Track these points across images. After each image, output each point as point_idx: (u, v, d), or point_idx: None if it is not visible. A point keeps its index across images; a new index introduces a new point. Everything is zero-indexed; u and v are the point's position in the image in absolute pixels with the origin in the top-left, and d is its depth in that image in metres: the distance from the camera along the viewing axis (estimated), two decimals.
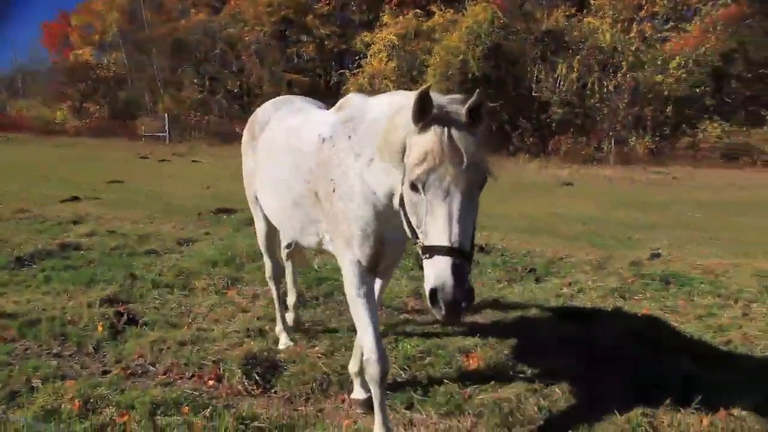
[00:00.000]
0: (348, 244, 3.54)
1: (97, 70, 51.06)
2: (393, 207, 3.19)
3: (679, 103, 34.07)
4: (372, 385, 3.57)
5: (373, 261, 3.56)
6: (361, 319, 3.56)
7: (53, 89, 52.19)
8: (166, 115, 43.87)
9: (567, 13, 36.09)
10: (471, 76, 33.96)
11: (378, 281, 4.01)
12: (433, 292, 2.68)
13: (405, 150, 2.93)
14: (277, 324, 5.30)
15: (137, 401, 3.92)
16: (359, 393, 4.15)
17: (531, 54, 35.76)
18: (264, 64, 45.11)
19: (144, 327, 5.43)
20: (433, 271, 2.69)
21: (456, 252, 2.67)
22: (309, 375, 4.44)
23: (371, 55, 39.64)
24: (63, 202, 12.80)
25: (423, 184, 2.76)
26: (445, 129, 2.78)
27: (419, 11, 40.00)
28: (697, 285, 7.17)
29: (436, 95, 2.93)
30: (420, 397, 4.21)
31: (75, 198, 13.32)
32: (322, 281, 6.86)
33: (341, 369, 4.54)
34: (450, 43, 35.40)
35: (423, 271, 2.80)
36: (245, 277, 7.08)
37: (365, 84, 36.63)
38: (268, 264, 5.32)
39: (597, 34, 34.64)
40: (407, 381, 4.49)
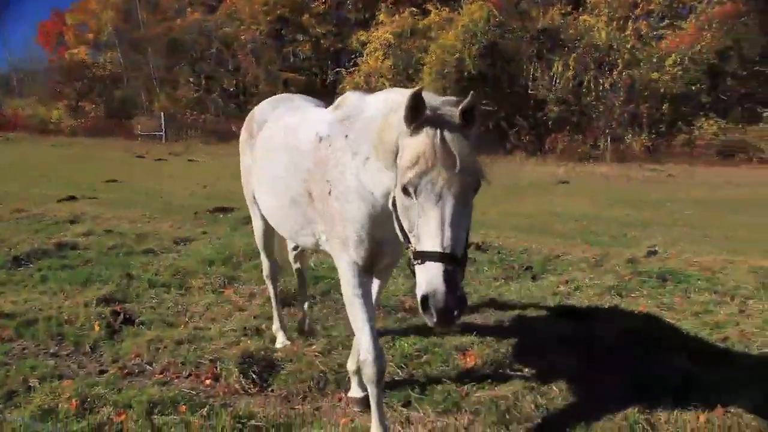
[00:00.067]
0: (344, 244, 3.50)
1: (93, 69, 50.98)
2: (390, 207, 3.12)
3: (675, 101, 34.14)
4: (369, 385, 3.55)
5: (370, 262, 3.52)
6: (358, 320, 3.53)
7: (49, 88, 52.08)
8: (162, 114, 43.85)
9: (562, 11, 36.14)
10: (467, 74, 34.03)
11: (376, 281, 3.98)
12: (425, 299, 2.62)
13: (398, 151, 2.87)
14: (274, 322, 5.29)
15: (134, 400, 3.92)
16: (356, 391, 4.15)
17: (527, 52, 35.82)
18: (260, 63, 45.08)
19: (141, 326, 5.42)
20: (425, 278, 2.63)
21: (448, 258, 2.61)
22: (306, 374, 4.43)
23: (367, 54, 39.69)
24: (60, 201, 12.78)
25: (415, 187, 2.69)
26: (438, 131, 2.72)
27: (415, 9, 40.02)
28: (694, 282, 7.17)
29: (429, 96, 2.88)
30: (417, 395, 4.21)
31: (72, 197, 13.31)
32: (318, 280, 6.85)
33: (338, 367, 4.55)
34: (446, 42, 35.45)
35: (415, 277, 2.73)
36: (242, 276, 7.08)
37: (361, 83, 36.64)
38: (265, 263, 5.29)
39: (593, 32, 34.72)
40: (404, 379, 4.49)
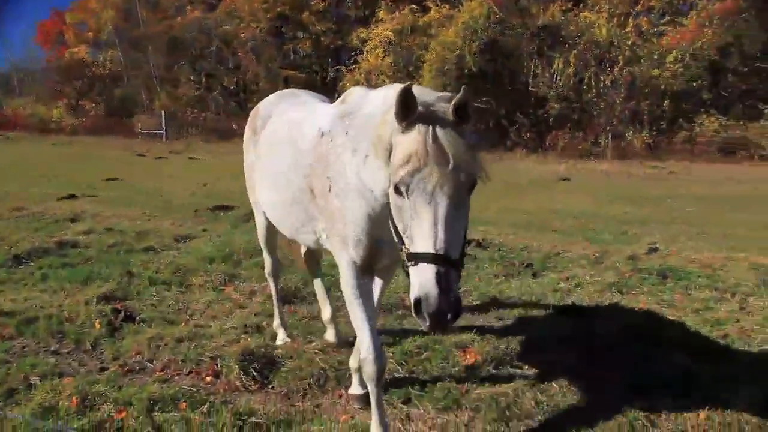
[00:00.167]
0: (344, 243, 3.47)
1: (93, 67, 51.02)
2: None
3: (676, 98, 34.11)
4: (369, 383, 3.54)
5: (369, 261, 3.49)
6: (358, 319, 3.51)
7: (49, 87, 52.12)
8: (162, 113, 43.91)
9: (563, 8, 36.08)
10: (467, 71, 34.01)
11: (378, 281, 3.95)
12: (417, 302, 2.52)
13: (392, 149, 2.78)
14: (275, 319, 5.28)
15: (135, 398, 3.92)
16: (357, 388, 4.13)
17: (527, 49, 35.80)
18: (260, 60, 45.09)
19: (141, 324, 5.43)
20: (417, 280, 2.54)
21: (441, 259, 2.51)
22: (306, 371, 4.43)
23: (367, 51, 39.68)
24: (60, 199, 12.80)
25: (407, 186, 2.60)
26: (430, 128, 2.62)
27: (415, 7, 40.00)
28: (695, 279, 7.18)
29: (423, 92, 2.82)
30: (417, 392, 4.20)
31: (72, 196, 13.33)
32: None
33: (338, 365, 4.55)
34: (446, 39, 35.43)
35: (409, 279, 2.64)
36: (242, 274, 7.08)
37: (361, 80, 36.63)
38: (267, 260, 5.27)
39: (593, 28, 34.69)
40: (404, 376, 4.49)
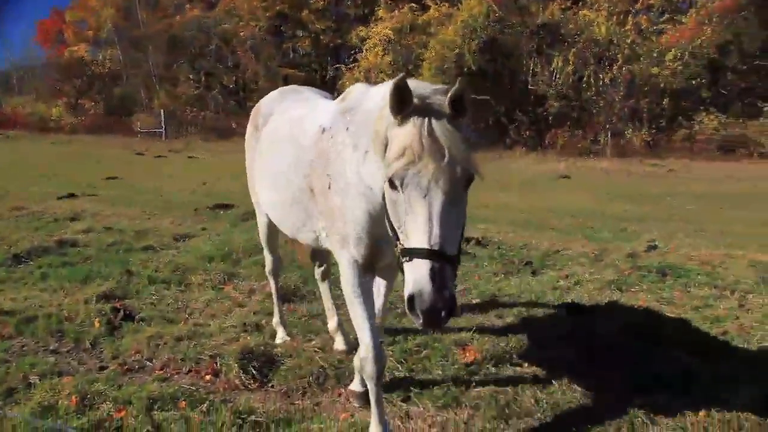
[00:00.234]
0: (345, 241, 3.44)
1: (92, 66, 50.96)
2: None
3: (675, 96, 34.06)
4: (368, 382, 3.53)
5: (370, 260, 3.47)
6: (358, 317, 3.50)
7: (48, 86, 52.11)
8: (162, 111, 43.87)
9: (562, 6, 36.00)
10: (467, 69, 33.95)
11: (382, 282, 3.91)
12: (411, 298, 2.48)
13: (388, 144, 2.73)
14: (274, 317, 5.29)
15: (134, 396, 3.92)
16: (357, 386, 4.10)
17: (527, 47, 35.73)
18: (259, 59, 45.05)
19: (141, 323, 5.43)
20: (411, 276, 2.50)
21: (436, 255, 2.46)
22: (306, 369, 4.44)
23: (367, 50, 39.65)
24: (60, 199, 12.80)
25: (401, 180, 2.56)
26: (426, 121, 2.59)
27: (414, 5, 39.93)
28: (694, 276, 7.18)
29: (419, 85, 2.78)
30: (417, 390, 4.21)
31: (72, 195, 13.33)
32: None
33: (338, 363, 4.56)
34: (445, 37, 35.39)
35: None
36: (242, 273, 7.09)
37: (361, 78, 36.52)
38: (268, 258, 5.27)
39: (592, 26, 34.61)
40: (404, 374, 4.49)
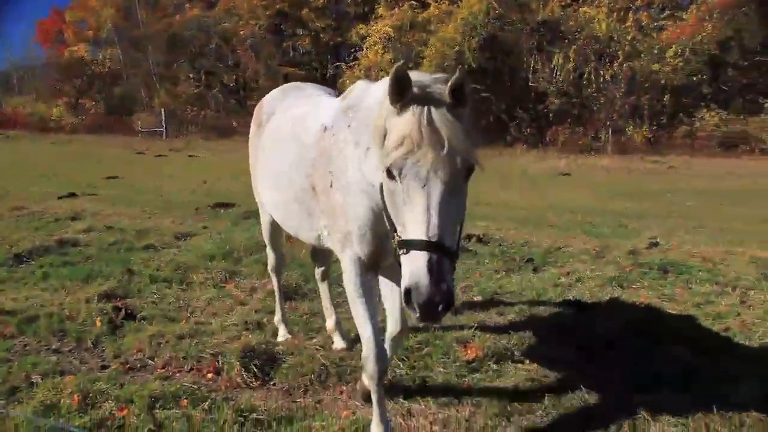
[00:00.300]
0: (347, 239, 3.41)
1: (92, 66, 50.99)
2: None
3: (676, 92, 34.09)
4: (370, 382, 3.51)
5: (373, 258, 3.42)
6: (360, 317, 3.46)
7: (49, 85, 52.12)
8: (162, 111, 43.90)
9: (562, 3, 36.06)
10: (467, 67, 33.91)
11: (390, 284, 3.74)
12: (408, 291, 2.41)
13: (387, 134, 2.66)
14: (276, 314, 5.28)
15: (136, 395, 3.92)
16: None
17: (527, 44, 35.78)
18: (260, 58, 45.09)
19: (142, 321, 5.42)
20: (408, 269, 2.43)
21: (434, 246, 2.39)
22: (307, 367, 4.43)
23: (367, 48, 39.71)
24: (60, 198, 12.80)
25: (399, 170, 2.50)
26: (425, 110, 2.52)
27: (414, 3, 39.99)
28: (695, 273, 7.17)
29: (419, 74, 2.73)
30: (418, 388, 4.20)
31: (72, 194, 13.33)
32: None
33: (339, 361, 4.55)
34: (445, 35, 35.44)
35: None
36: (243, 271, 7.08)
37: (361, 76, 36.40)
38: (271, 256, 5.26)
39: (593, 23, 34.66)
40: (405, 371, 4.49)
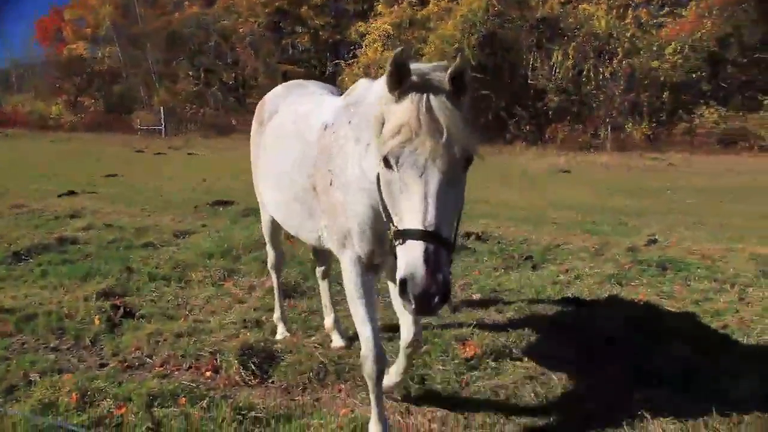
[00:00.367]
0: (347, 238, 3.40)
1: (92, 64, 50.93)
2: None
3: (676, 89, 34.10)
4: (368, 381, 3.49)
5: (373, 258, 3.40)
6: (360, 316, 3.45)
7: (48, 84, 52.06)
8: (161, 109, 43.84)
9: (562, 0, 36.02)
10: None
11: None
12: (403, 282, 2.37)
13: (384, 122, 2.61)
14: (275, 312, 5.27)
15: (134, 393, 3.91)
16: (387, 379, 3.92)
17: (526, 42, 35.76)
18: (259, 55, 45.07)
19: (141, 320, 5.42)
20: (404, 259, 2.39)
21: (430, 236, 2.34)
22: (306, 365, 4.42)
23: (366, 45, 39.71)
24: (60, 196, 12.79)
25: (396, 158, 2.45)
26: (424, 97, 2.48)
27: (413, 0, 39.89)
28: (694, 270, 7.18)
29: (419, 64, 2.71)
30: (417, 385, 4.20)
31: (72, 192, 13.31)
32: None
33: (338, 359, 4.55)
34: (445, 32, 35.43)
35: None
36: (241, 269, 7.08)
37: (360, 74, 36.54)
38: (271, 254, 5.27)
39: (592, 20, 34.65)
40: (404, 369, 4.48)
